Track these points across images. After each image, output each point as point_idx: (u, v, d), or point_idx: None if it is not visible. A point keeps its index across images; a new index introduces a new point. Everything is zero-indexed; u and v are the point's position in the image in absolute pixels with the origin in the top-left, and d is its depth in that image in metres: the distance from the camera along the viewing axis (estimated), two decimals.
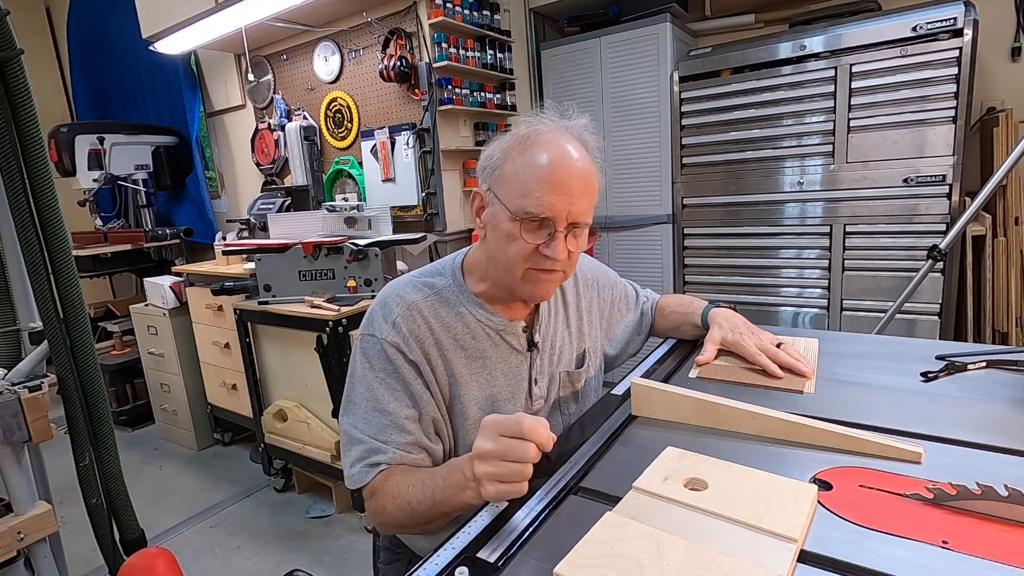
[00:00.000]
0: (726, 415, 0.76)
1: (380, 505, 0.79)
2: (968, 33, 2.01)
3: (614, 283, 1.14)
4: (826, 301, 2.45)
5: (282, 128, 3.01)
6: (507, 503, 0.66)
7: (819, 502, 0.59)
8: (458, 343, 0.87)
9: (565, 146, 0.79)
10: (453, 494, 0.71)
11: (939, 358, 0.92)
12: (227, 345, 2.57)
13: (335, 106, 2.84)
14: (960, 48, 2.03)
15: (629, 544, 0.53)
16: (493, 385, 0.89)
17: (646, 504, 0.59)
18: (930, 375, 0.87)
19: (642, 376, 0.96)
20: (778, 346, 0.94)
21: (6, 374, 1.26)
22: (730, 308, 1.08)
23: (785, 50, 2.36)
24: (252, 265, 2.30)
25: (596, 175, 0.83)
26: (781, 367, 0.91)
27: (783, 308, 2.56)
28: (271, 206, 2.68)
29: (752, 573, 0.49)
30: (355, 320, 1.96)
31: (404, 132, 2.53)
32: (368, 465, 0.81)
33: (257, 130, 3.15)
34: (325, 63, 2.81)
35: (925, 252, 1.93)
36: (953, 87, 2.07)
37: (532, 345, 0.93)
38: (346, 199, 2.69)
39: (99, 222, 3.35)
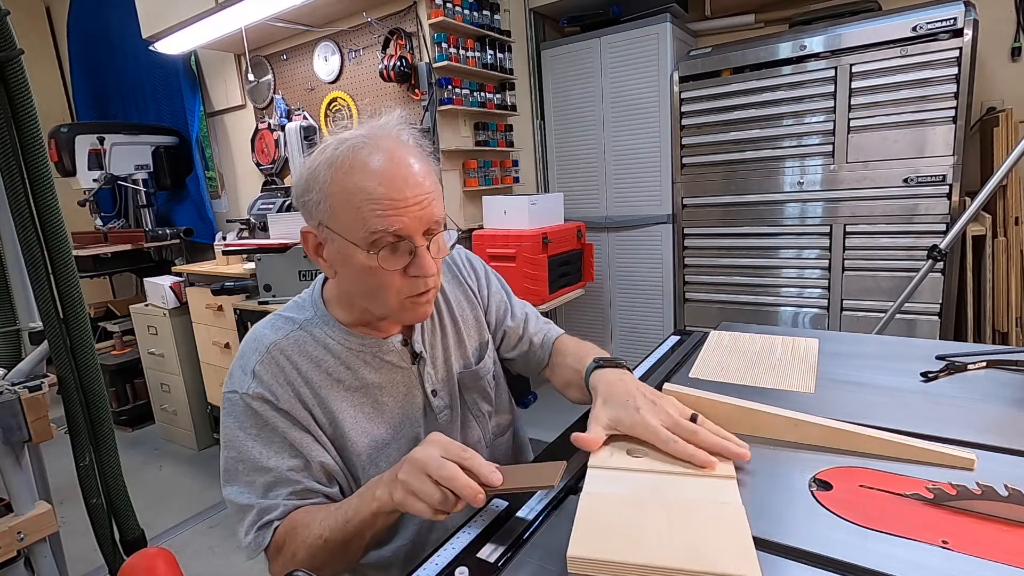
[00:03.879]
0: (746, 418, 0.75)
1: (289, 554, 0.70)
2: (968, 33, 2.02)
3: (490, 278, 1.02)
4: (826, 301, 2.45)
5: (282, 128, 3.01)
6: (507, 503, 0.66)
7: (819, 502, 0.59)
8: (331, 377, 0.78)
9: (390, 150, 0.70)
10: (365, 504, 0.66)
11: (939, 358, 0.92)
12: (227, 345, 2.57)
13: (335, 106, 2.84)
14: (960, 48, 2.03)
15: (616, 512, 0.57)
16: (383, 412, 0.81)
17: (606, 477, 0.63)
18: (930, 375, 0.87)
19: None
20: (693, 419, 0.69)
21: (6, 374, 1.26)
22: (619, 367, 0.80)
23: (785, 50, 2.36)
24: (252, 265, 2.30)
25: (432, 170, 0.73)
26: (703, 448, 0.65)
27: (783, 308, 2.56)
28: (271, 206, 2.68)
29: (720, 510, 0.56)
30: None
31: None
32: (261, 527, 0.72)
33: (257, 130, 3.15)
34: (325, 63, 2.81)
35: (925, 252, 1.93)
36: (953, 87, 2.07)
37: (416, 357, 0.84)
38: None
39: (99, 222, 3.35)
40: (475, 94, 2.61)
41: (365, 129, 0.73)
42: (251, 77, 3.01)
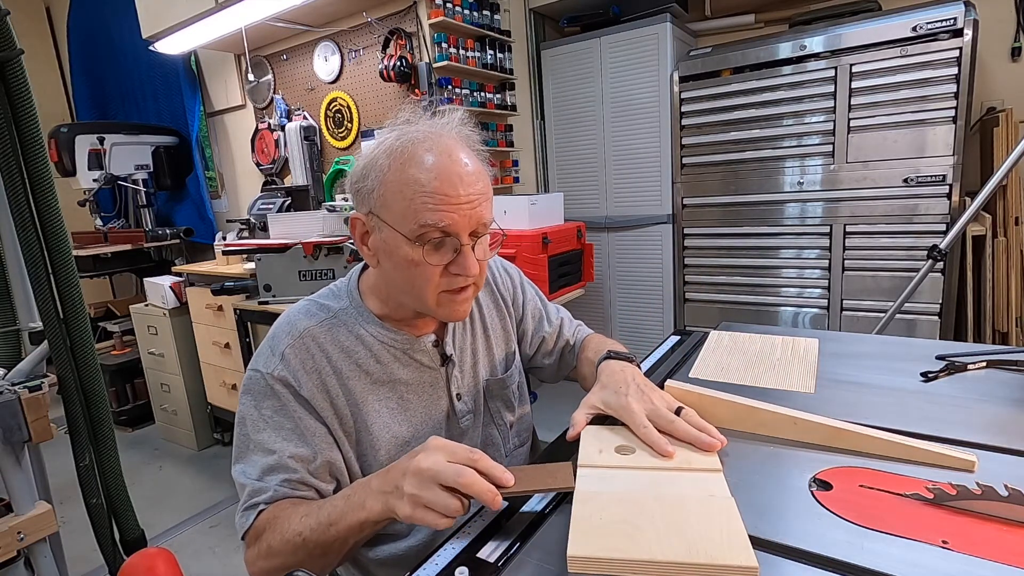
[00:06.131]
0: (746, 416, 0.75)
1: (264, 546, 0.68)
2: (968, 33, 2.01)
3: (525, 287, 1.04)
4: (826, 301, 2.45)
5: (282, 128, 3.01)
6: (507, 503, 0.66)
7: (819, 502, 0.59)
8: (360, 368, 0.78)
9: (448, 149, 0.71)
10: (352, 512, 0.64)
11: (939, 358, 0.92)
12: (227, 345, 2.56)
13: (335, 106, 2.84)
14: (960, 48, 2.03)
15: (611, 510, 0.57)
16: (407, 409, 0.81)
17: (597, 476, 0.64)
18: (930, 375, 0.87)
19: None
20: (678, 412, 0.72)
21: (6, 374, 1.26)
22: (626, 360, 0.85)
23: (785, 50, 2.36)
24: (252, 265, 2.30)
25: (486, 172, 0.75)
26: (680, 440, 0.69)
27: (783, 308, 2.56)
28: (271, 206, 2.68)
29: (710, 503, 0.57)
30: None
31: None
32: (247, 509, 0.71)
33: (257, 130, 3.15)
34: (325, 63, 2.81)
35: (925, 252, 1.93)
36: (953, 87, 2.07)
37: (446, 359, 0.85)
38: (346, 199, 2.69)
39: (99, 222, 3.35)
40: (475, 94, 2.61)
41: (427, 125, 0.75)
42: (251, 77, 3.01)
